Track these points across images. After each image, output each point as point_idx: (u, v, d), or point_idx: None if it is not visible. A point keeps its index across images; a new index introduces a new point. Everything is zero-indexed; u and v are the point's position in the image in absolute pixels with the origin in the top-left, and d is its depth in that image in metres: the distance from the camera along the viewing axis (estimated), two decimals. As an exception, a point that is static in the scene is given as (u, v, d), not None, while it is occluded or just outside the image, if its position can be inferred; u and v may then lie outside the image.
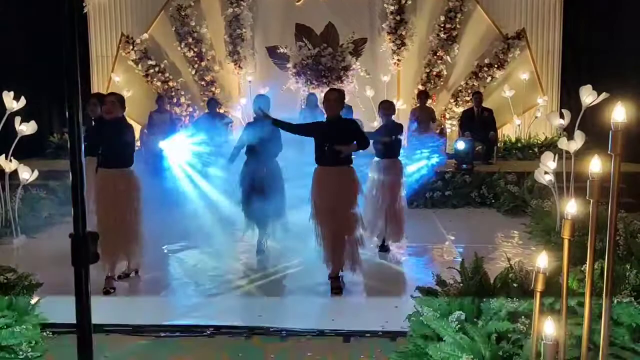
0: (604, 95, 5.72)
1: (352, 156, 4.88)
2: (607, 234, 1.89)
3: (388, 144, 5.70)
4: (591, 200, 1.82)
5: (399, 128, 5.92)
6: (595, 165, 1.79)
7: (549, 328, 1.73)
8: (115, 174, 4.82)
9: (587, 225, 2.12)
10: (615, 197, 1.70)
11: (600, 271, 3.44)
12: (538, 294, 1.93)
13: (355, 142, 4.73)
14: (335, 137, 4.70)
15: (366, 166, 5.99)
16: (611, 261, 1.75)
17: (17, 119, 6.39)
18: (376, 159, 5.93)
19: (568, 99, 10.42)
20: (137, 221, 4.89)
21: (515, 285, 3.66)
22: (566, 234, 1.92)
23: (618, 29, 9.64)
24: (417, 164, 8.37)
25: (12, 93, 6.42)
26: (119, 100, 4.93)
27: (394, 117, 6.13)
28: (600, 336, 1.92)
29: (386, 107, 5.96)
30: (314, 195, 4.82)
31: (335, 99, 4.81)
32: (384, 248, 6.01)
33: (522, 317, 3.19)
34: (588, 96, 5.77)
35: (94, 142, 4.86)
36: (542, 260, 1.93)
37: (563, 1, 10.86)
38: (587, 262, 1.96)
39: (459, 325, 3.29)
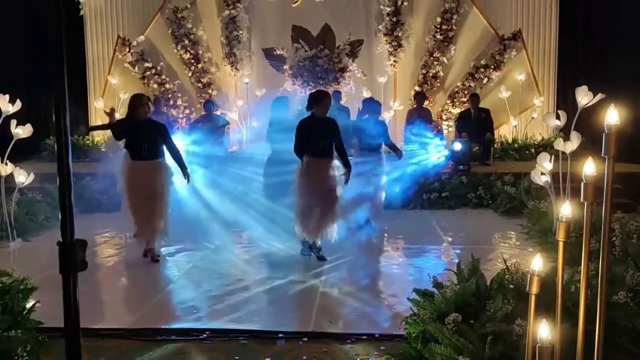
0: (599, 96, 5.73)
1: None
2: (602, 231, 1.88)
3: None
4: (585, 203, 1.82)
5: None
6: (589, 167, 1.79)
7: (544, 331, 1.73)
8: (149, 164, 5.58)
9: (583, 227, 2.12)
10: (609, 200, 1.70)
11: (596, 272, 3.45)
12: (533, 297, 1.93)
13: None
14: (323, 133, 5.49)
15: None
16: (605, 266, 1.75)
17: (13, 122, 6.38)
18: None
19: (564, 100, 10.45)
20: (163, 203, 5.68)
21: (511, 287, 3.66)
22: (561, 236, 1.92)
23: (614, 29, 9.66)
24: (415, 164, 8.40)
25: (7, 96, 6.40)
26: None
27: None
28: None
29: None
30: (304, 181, 5.51)
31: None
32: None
33: (518, 318, 3.19)
34: (584, 97, 5.78)
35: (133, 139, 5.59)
36: (537, 263, 1.93)
37: (559, 2, 10.88)
38: (582, 264, 1.96)
39: (455, 327, 3.28)
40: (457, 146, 8.79)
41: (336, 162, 5.60)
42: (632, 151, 7.62)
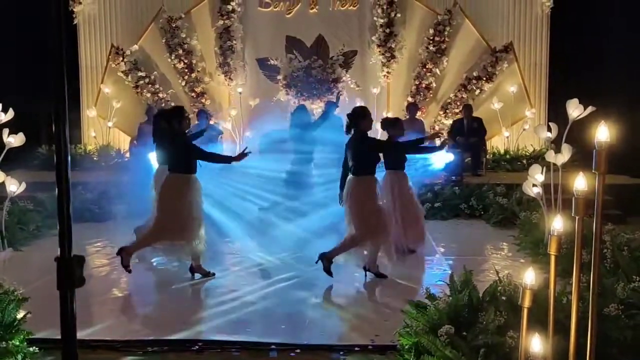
0: (590, 108, 5.79)
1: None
2: (593, 247, 1.90)
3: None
4: (577, 217, 1.84)
5: None
6: (580, 182, 1.81)
7: (536, 345, 1.74)
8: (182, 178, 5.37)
9: (574, 239, 2.15)
10: (599, 216, 1.72)
11: (588, 285, 3.47)
12: (525, 310, 1.94)
13: None
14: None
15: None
16: (596, 279, 1.77)
17: (5, 131, 6.35)
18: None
19: (555, 111, 10.54)
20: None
21: (504, 298, 3.67)
22: (553, 249, 1.94)
23: (605, 42, 9.79)
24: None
25: (0, 105, 6.38)
26: None
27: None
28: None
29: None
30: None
31: None
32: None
33: (511, 330, 3.20)
34: (575, 110, 5.84)
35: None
36: (529, 277, 1.95)
37: (550, 15, 11.00)
38: (574, 277, 1.98)
39: (448, 339, 3.29)
40: (449, 157, 8.79)
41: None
42: (622, 163, 7.69)
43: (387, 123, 6.42)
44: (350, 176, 5.40)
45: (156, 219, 5.44)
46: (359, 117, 5.43)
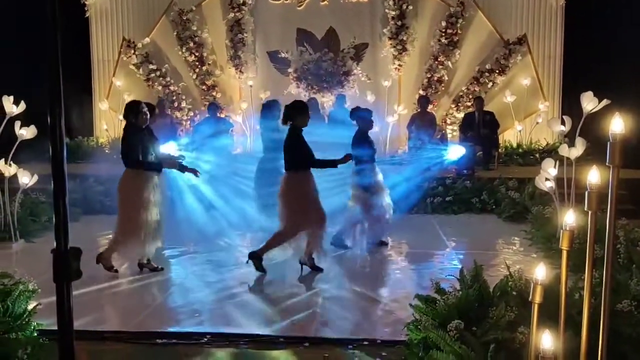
0: (605, 102, 5.71)
1: None
2: (606, 243, 1.85)
3: None
4: (589, 212, 1.79)
5: None
6: (594, 176, 1.77)
7: (547, 342, 1.71)
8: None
9: (587, 234, 2.10)
10: (613, 210, 1.68)
11: (600, 280, 3.42)
12: (536, 306, 1.91)
13: None
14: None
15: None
16: (609, 274, 1.73)
17: (17, 123, 6.39)
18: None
19: (569, 105, 10.41)
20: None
21: (514, 294, 3.63)
22: (565, 244, 1.90)
23: (619, 35, 9.62)
24: (420, 169, 8.36)
25: (12, 97, 6.42)
26: None
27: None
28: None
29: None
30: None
31: None
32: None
33: (522, 326, 3.16)
34: (589, 103, 5.76)
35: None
36: (540, 272, 1.91)
37: (564, 7, 10.85)
38: (586, 273, 1.94)
39: (457, 334, 3.26)
40: (459, 151, 8.71)
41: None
42: (637, 157, 7.56)
43: (356, 114, 6.25)
44: (284, 172, 5.38)
45: (118, 219, 5.38)
46: (296, 112, 5.35)
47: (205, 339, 3.94)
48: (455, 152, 8.38)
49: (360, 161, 6.05)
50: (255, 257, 5.29)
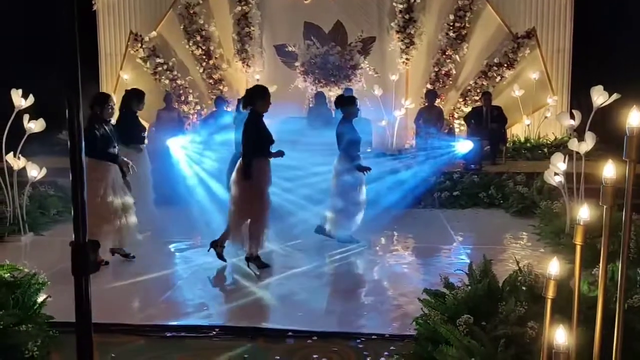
0: (615, 96, 5.66)
1: None
2: (617, 237, 1.84)
3: None
4: (604, 207, 1.78)
5: None
6: (609, 170, 1.75)
7: (561, 337, 1.69)
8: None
9: (597, 229, 2.08)
10: (629, 205, 1.66)
11: (612, 275, 3.39)
12: (549, 301, 1.89)
13: None
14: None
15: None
16: (624, 270, 1.71)
17: (26, 117, 6.41)
18: None
19: (578, 99, 10.33)
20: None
21: (524, 288, 3.61)
22: (578, 239, 1.88)
23: (629, 28, 9.53)
24: (427, 163, 8.34)
25: (20, 91, 6.43)
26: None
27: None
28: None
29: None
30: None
31: None
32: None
33: (532, 321, 3.15)
34: (599, 97, 5.71)
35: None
36: (554, 267, 1.89)
37: (574, 0, 10.75)
38: (600, 269, 1.92)
39: (466, 329, 3.25)
40: (467, 146, 8.69)
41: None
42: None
43: (341, 101, 6.10)
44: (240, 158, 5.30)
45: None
46: (257, 97, 5.22)
47: (214, 332, 3.95)
48: (463, 146, 8.35)
49: (347, 152, 5.92)
50: (218, 246, 5.37)
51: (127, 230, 5.45)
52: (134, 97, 6.40)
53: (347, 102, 6.10)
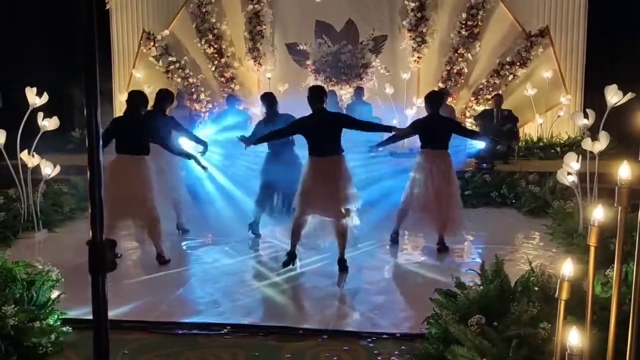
0: (630, 95, 5.60)
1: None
2: (630, 238, 1.82)
3: None
4: (619, 207, 1.76)
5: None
6: (624, 171, 1.74)
7: (574, 339, 1.69)
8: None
9: (609, 229, 2.07)
10: (646, 206, 1.65)
11: (625, 276, 3.36)
12: (562, 302, 1.88)
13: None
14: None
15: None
16: (639, 272, 1.70)
17: (40, 115, 6.47)
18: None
19: (591, 98, 10.24)
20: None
21: (536, 289, 3.59)
22: (593, 240, 1.87)
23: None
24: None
25: (35, 89, 6.49)
26: None
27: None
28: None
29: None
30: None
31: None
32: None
33: (544, 322, 3.13)
34: (613, 96, 5.65)
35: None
36: (567, 268, 1.88)
37: (588, -2, 10.66)
38: (615, 270, 1.91)
39: (478, 329, 3.24)
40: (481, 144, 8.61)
41: None
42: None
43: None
44: None
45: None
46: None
47: (225, 330, 3.97)
48: (475, 145, 8.29)
49: None
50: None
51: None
52: (168, 97, 6.49)
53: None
